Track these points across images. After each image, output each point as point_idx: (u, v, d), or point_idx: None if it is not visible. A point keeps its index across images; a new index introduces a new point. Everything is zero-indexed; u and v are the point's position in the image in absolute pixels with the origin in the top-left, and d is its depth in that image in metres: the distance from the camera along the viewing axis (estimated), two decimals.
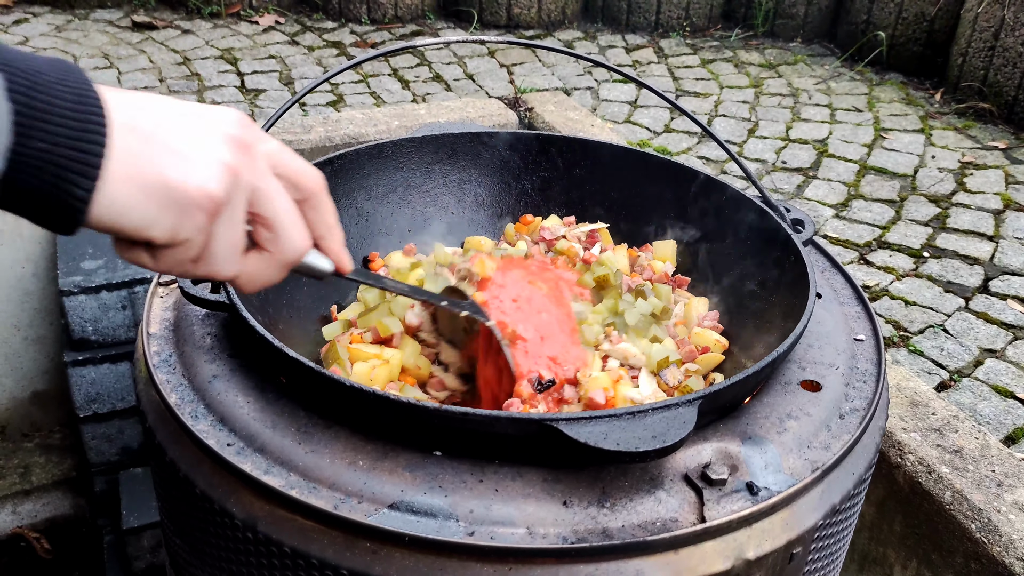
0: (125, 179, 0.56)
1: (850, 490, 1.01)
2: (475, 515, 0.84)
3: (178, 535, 1.02)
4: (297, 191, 0.69)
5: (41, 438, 2.40)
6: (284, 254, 0.68)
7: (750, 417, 1.02)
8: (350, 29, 4.61)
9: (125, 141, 0.56)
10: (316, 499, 0.84)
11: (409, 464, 0.88)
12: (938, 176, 3.26)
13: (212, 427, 0.91)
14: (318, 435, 0.91)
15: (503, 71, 4.15)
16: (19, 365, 2.32)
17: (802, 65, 4.37)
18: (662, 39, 4.67)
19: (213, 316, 1.07)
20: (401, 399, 0.86)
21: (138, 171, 0.56)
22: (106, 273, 1.92)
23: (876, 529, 1.79)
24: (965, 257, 2.73)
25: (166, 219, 0.58)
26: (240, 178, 0.62)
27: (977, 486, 1.60)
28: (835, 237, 2.84)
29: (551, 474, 0.90)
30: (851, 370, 1.14)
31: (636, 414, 0.88)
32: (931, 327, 2.39)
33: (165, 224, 0.58)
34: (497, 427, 0.87)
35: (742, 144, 3.49)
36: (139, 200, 0.56)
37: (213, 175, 0.59)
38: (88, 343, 1.97)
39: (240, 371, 0.99)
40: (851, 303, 1.30)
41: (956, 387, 2.15)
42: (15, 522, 2.26)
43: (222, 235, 0.62)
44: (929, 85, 4.16)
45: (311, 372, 0.87)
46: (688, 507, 0.89)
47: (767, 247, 1.28)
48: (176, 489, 0.95)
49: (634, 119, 3.68)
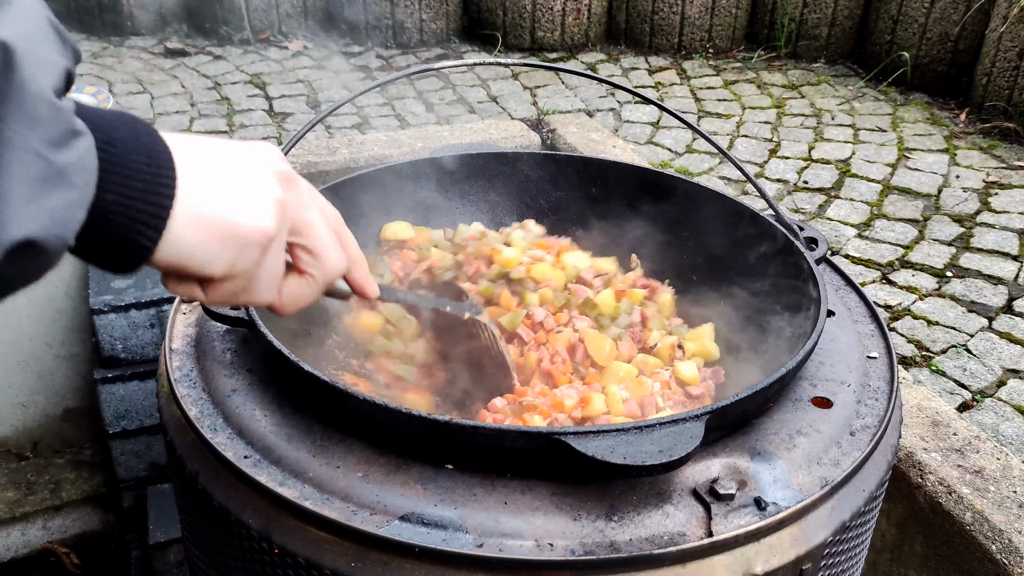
0: (189, 222, 0.59)
1: (860, 507, 1.02)
2: (485, 527, 0.86)
3: (198, 547, 1.05)
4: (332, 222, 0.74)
5: (72, 454, 2.44)
6: (326, 275, 0.73)
7: (760, 433, 1.03)
8: (376, 53, 4.68)
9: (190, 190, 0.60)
10: (330, 510, 0.86)
11: (421, 477, 0.90)
12: (962, 196, 3.24)
13: (230, 440, 0.94)
14: (332, 448, 0.93)
15: (526, 93, 4.19)
16: (51, 382, 2.38)
17: (825, 86, 4.37)
18: (685, 61, 4.70)
19: (233, 332, 1.10)
20: (413, 412, 0.88)
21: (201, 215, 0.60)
22: (135, 292, 1.97)
23: (897, 550, 1.77)
24: (989, 277, 2.71)
25: (226, 256, 0.62)
26: (287, 211, 0.67)
27: (998, 507, 1.58)
28: (857, 257, 2.83)
29: (560, 488, 0.91)
30: (863, 387, 1.15)
31: (643, 428, 0.89)
32: (954, 347, 2.37)
33: (224, 260, 0.62)
34: (506, 440, 0.88)
35: (763, 165, 3.49)
36: (202, 240, 0.60)
37: (268, 213, 0.64)
38: (118, 360, 2.02)
39: (258, 385, 1.01)
40: (865, 321, 1.30)
41: (978, 407, 2.13)
42: (45, 537, 2.30)
43: (268, 266, 0.67)
44: (954, 105, 4.15)
45: (325, 386, 0.90)
46: (696, 521, 0.90)
47: (780, 265, 1.29)
48: (195, 501, 0.97)
49: (656, 140, 3.70)
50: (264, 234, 0.64)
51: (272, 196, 0.65)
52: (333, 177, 2.23)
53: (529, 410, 1.10)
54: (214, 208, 0.61)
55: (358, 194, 1.39)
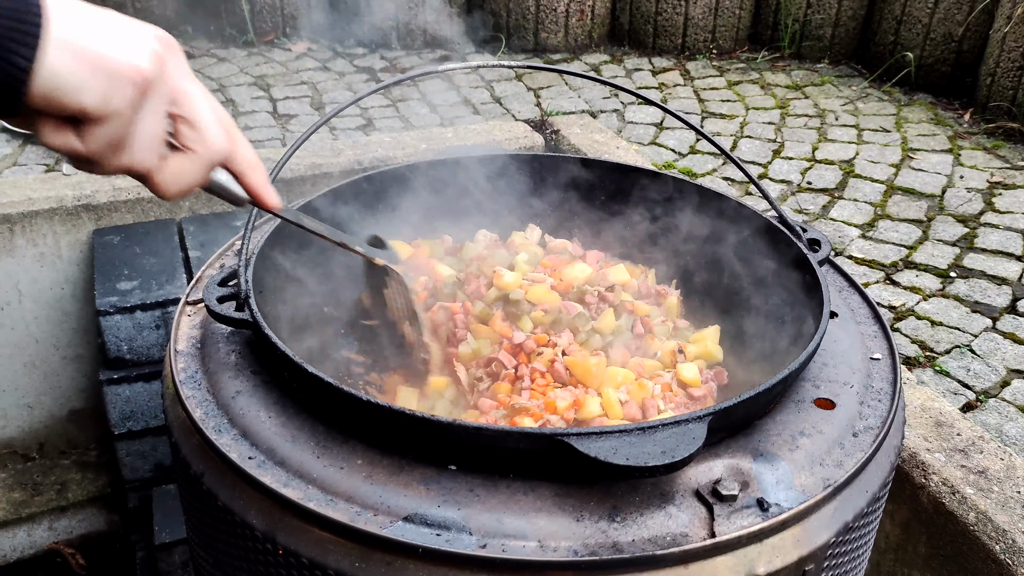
0: (62, 48, 0.60)
1: (863, 508, 1.02)
2: (488, 528, 0.86)
3: (202, 547, 1.05)
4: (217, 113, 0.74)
5: (78, 455, 2.45)
6: (208, 152, 0.72)
7: (762, 434, 1.03)
8: (380, 55, 4.69)
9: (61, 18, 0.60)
10: (333, 511, 0.87)
11: (424, 478, 0.91)
12: (966, 196, 3.23)
13: (234, 441, 0.94)
14: (336, 449, 0.93)
15: (530, 95, 4.19)
16: (57, 384, 2.39)
17: (829, 86, 4.36)
18: (688, 62, 4.69)
19: (237, 334, 1.11)
20: (416, 413, 0.88)
21: (75, 43, 0.61)
22: (141, 294, 1.98)
23: (901, 551, 1.77)
24: (993, 277, 2.71)
25: (99, 86, 0.62)
26: (165, 69, 0.67)
27: (1002, 507, 1.58)
28: (861, 257, 2.83)
29: (563, 489, 0.92)
30: (866, 389, 1.15)
31: (646, 429, 0.89)
32: (957, 347, 2.37)
33: (97, 90, 0.62)
34: (509, 441, 0.89)
35: (767, 165, 3.49)
36: (75, 68, 0.61)
37: (144, 55, 0.65)
38: (123, 362, 2.03)
39: (262, 387, 1.02)
40: (868, 322, 1.30)
41: (982, 408, 2.13)
42: (51, 538, 2.31)
43: (145, 120, 0.66)
44: (958, 105, 4.14)
45: (329, 387, 0.90)
46: (699, 522, 0.91)
47: (783, 266, 1.29)
48: (200, 502, 0.98)
49: (660, 141, 3.70)
50: (138, 71, 0.64)
51: (149, 46, 0.66)
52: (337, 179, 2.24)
53: (520, 413, 1.10)
54: (86, 38, 0.62)
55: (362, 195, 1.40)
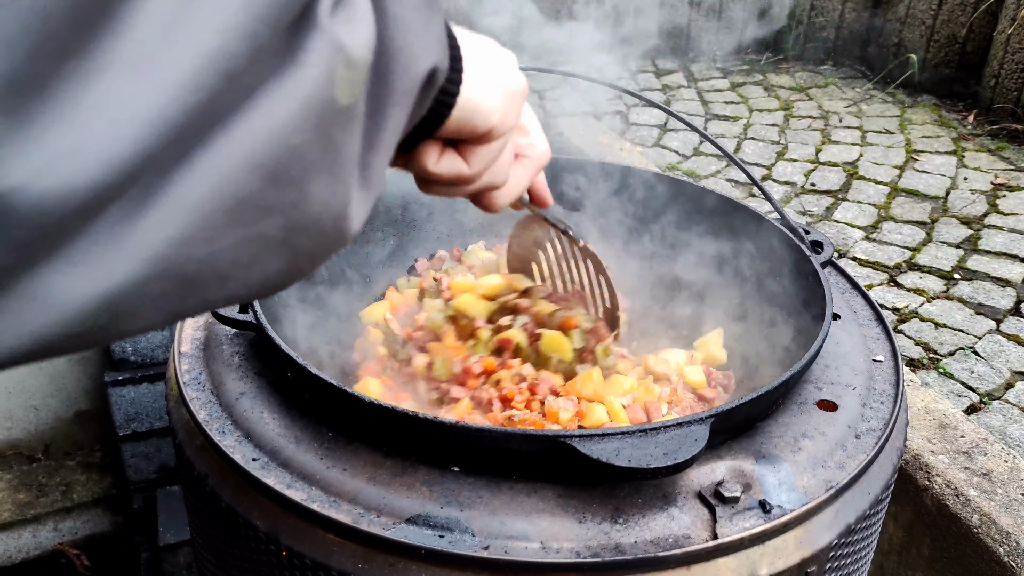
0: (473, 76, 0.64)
1: (866, 510, 1.02)
2: (490, 529, 0.87)
3: (206, 548, 1.06)
4: None
5: (83, 456, 2.46)
6: (538, 154, 0.80)
7: (765, 436, 1.03)
8: None
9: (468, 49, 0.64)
10: (337, 512, 0.87)
11: (427, 479, 0.91)
12: (970, 198, 3.23)
13: (238, 443, 0.95)
14: (340, 451, 0.94)
15: (534, 96, 4.21)
16: (63, 385, 2.39)
17: (833, 88, 4.36)
18: (692, 63, 4.70)
19: (241, 336, 1.11)
20: (419, 415, 0.89)
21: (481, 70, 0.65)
22: None
23: (905, 552, 1.77)
24: (997, 279, 2.70)
25: (500, 105, 0.67)
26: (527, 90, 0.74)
27: (1006, 509, 1.58)
28: (864, 259, 2.82)
29: (566, 491, 0.92)
30: (868, 391, 1.15)
31: (649, 431, 0.90)
32: (961, 349, 2.36)
33: (499, 110, 0.67)
34: (512, 443, 0.89)
35: (771, 167, 3.49)
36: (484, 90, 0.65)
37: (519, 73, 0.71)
38: (128, 363, 2.03)
39: (266, 389, 1.02)
40: (871, 324, 1.30)
41: (986, 410, 2.12)
42: (56, 539, 2.32)
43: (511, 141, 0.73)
44: (962, 107, 4.13)
45: (332, 389, 0.91)
46: (701, 524, 0.91)
47: (785, 268, 1.29)
48: (204, 503, 0.98)
49: (663, 143, 3.70)
50: (525, 87, 0.71)
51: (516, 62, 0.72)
52: None
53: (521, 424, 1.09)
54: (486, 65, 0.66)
55: None
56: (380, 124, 0.48)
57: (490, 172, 0.71)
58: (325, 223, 0.46)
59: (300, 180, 0.42)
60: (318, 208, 0.44)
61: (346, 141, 0.44)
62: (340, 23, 0.41)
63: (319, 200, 0.44)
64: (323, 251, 0.47)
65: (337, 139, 0.44)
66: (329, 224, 0.46)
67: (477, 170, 0.69)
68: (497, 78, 0.67)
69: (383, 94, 0.47)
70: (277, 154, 0.40)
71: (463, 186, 0.70)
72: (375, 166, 0.49)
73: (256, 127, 0.39)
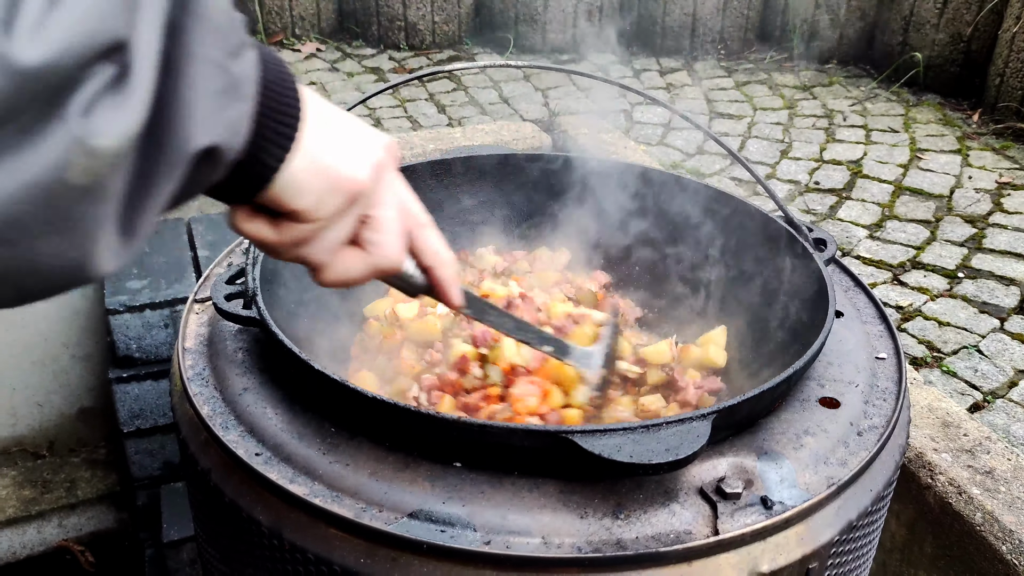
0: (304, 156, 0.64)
1: (867, 507, 1.02)
2: (492, 525, 0.87)
3: (210, 543, 1.06)
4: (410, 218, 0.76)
5: (87, 453, 2.47)
6: (379, 256, 0.74)
7: (767, 433, 1.03)
8: (389, 55, 4.70)
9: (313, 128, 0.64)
10: (339, 507, 0.87)
11: (430, 475, 0.91)
12: (974, 197, 3.23)
13: (241, 437, 0.95)
14: (343, 446, 0.94)
15: (538, 95, 4.20)
16: (67, 382, 2.40)
17: (838, 86, 4.36)
18: (696, 62, 4.70)
19: (245, 331, 1.12)
20: (421, 410, 0.89)
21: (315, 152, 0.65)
22: (150, 293, 1.99)
23: (908, 551, 1.77)
24: (1001, 278, 2.70)
25: (318, 191, 0.65)
26: (380, 179, 0.71)
27: (1008, 507, 1.58)
28: (868, 258, 2.82)
29: (567, 486, 0.92)
30: (871, 388, 1.15)
31: (651, 427, 0.90)
32: (965, 348, 2.36)
33: (315, 196, 0.65)
34: (514, 439, 0.89)
35: (775, 166, 3.49)
36: (307, 175, 0.64)
37: (366, 168, 0.68)
38: (132, 360, 2.04)
39: (270, 384, 1.03)
40: (874, 322, 1.30)
41: (989, 408, 2.12)
42: (61, 535, 2.33)
43: (340, 226, 0.70)
44: (967, 106, 4.13)
45: (335, 384, 0.91)
46: (702, 520, 0.91)
47: (789, 266, 1.29)
48: (207, 498, 0.99)
49: (667, 141, 3.70)
50: (355, 184, 0.67)
51: (375, 157, 0.69)
52: None
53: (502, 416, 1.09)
54: (324, 147, 0.65)
55: None
56: (146, 190, 0.51)
57: (303, 250, 0.70)
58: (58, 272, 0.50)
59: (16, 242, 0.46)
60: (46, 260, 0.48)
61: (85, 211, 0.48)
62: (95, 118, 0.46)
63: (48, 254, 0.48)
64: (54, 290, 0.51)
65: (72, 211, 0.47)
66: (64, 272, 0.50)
67: (282, 241, 0.68)
68: (329, 164, 0.66)
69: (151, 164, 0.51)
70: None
71: (275, 252, 0.70)
72: (140, 222, 0.52)
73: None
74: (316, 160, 0.65)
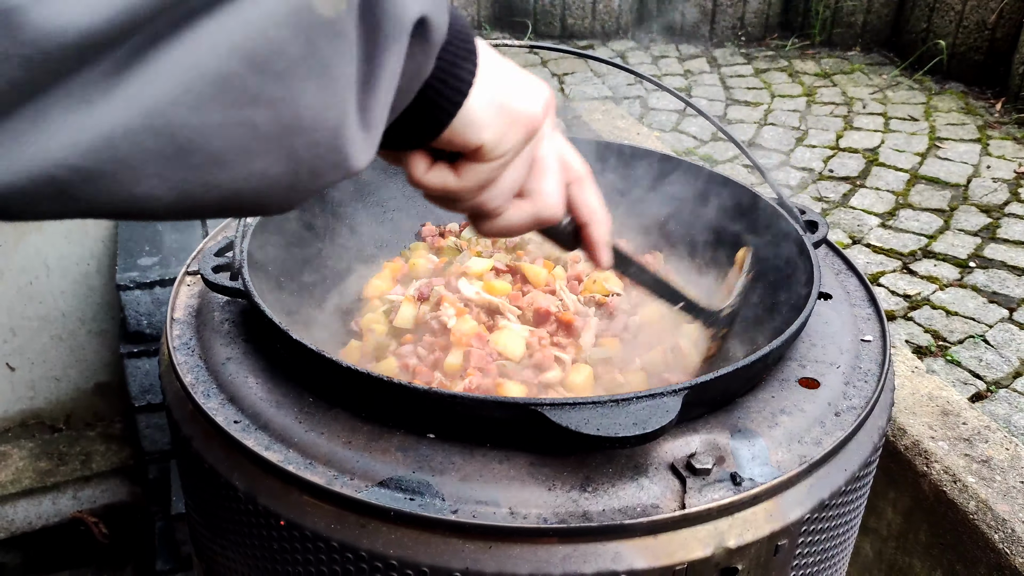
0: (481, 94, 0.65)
1: (841, 486, 1.02)
2: (460, 494, 0.89)
3: (195, 510, 1.09)
4: (570, 171, 0.78)
5: (103, 427, 2.52)
6: (543, 205, 0.75)
7: (743, 411, 1.04)
8: None
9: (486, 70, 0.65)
10: (311, 474, 0.89)
11: (402, 445, 0.93)
12: (992, 186, 3.18)
13: (221, 406, 0.98)
14: (319, 415, 0.96)
15: (554, 80, 4.20)
16: (83, 357, 2.45)
17: (859, 74, 4.31)
18: (716, 49, 4.66)
19: (233, 304, 1.14)
20: (394, 381, 0.91)
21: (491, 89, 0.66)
22: (160, 269, 2.03)
23: (903, 539, 1.77)
24: (1013, 268, 2.67)
25: (498, 126, 0.66)
26: (548, 121, 0.72)
27: (1003, 496, 1.57)
28: (878, 246, 2.80)
29: (538, 459, 0.94)
30: (853, 369, 1.15)
31: (620, 401, 0.91)
32: (971, 337, 2.34)
33: (496, 131, 0.66)
34: (484, 410, 0.91)
35: (789, 153, 3.46)
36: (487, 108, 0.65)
37: (539, 107, 0.69)
38: (143, 336, 2.08)
39: (252, 354, 1.05)
40: (863, 305, 1.30)
41: (992, 398, 2.11)
42: (75, 506, 2.38)
43: (517, 165, 0.71)
44: (990, 94, 4.06)
45: (311, 353, 0.93)
46: (671, 495, 0.92)
47: (778, 246, 1.29)
48: (190, 465, 1.01)
49: (681, 128, 3.69)
50: (533, 118, 0.68)
51: (543, 99, 0.70)
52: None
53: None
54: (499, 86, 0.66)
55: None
56: (375, 65, 0.51)
57: (483, 195, 0.70)
58: (320, 134, 0.49)
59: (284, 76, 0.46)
60: (309, 113, 0.48)
61: (334, 58, 0.48)
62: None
63: (309, 105, 0.47)
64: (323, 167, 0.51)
65: (322, 49, 0.47)
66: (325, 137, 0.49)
67: (465, 187, 0.69)
68: (505, 99, 0.66)
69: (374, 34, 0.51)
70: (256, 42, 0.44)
71: (455, 202, 0.70)
72: (373, 109, 0.52)
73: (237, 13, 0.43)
74: (495, 95, 0.66)
